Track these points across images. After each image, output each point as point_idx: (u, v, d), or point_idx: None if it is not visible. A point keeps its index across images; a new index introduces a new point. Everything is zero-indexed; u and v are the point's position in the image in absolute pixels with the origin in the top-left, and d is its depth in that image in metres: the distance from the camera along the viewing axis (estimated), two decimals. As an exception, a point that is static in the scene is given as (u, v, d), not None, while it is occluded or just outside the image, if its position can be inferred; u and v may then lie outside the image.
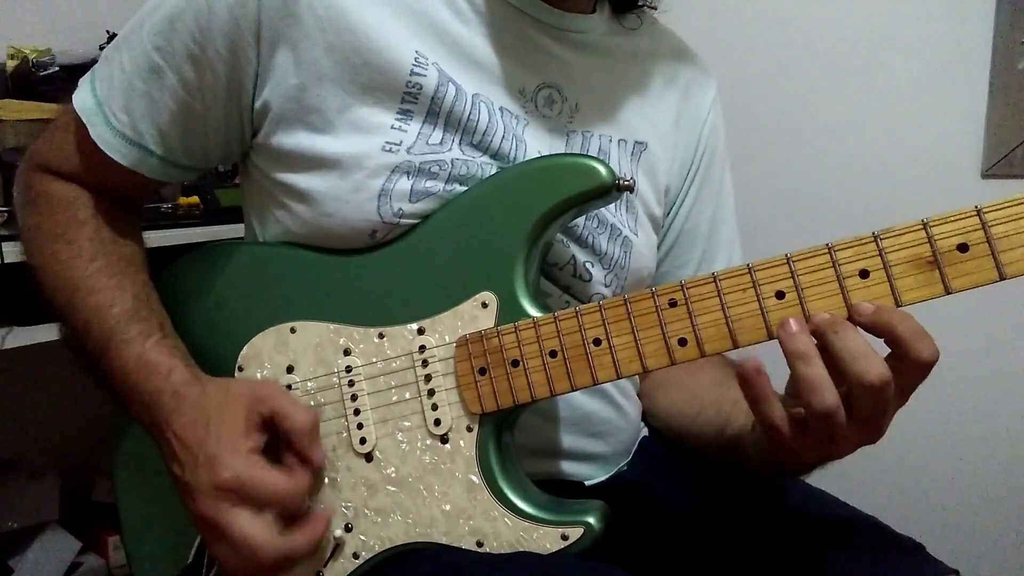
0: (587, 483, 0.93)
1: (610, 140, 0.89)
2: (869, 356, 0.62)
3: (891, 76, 1.77)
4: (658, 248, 0.98)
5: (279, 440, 0.76)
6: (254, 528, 0.71)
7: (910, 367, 0.63)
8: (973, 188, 1.70)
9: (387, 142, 0.78)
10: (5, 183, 1.53)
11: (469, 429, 0.76)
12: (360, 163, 0.77)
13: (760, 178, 1.79)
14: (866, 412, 0.63)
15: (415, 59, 0.79)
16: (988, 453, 1.73)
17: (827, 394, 0.62)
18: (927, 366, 0.63)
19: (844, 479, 0.90)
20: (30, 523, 1.81)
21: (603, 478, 0.94)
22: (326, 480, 0.79)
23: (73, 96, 0.84)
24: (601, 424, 0.91)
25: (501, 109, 0.83)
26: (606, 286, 0.87)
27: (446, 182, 0.79)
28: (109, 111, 0.81)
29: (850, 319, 0.65)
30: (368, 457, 0.78)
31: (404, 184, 0.78)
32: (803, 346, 0.64)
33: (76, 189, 0.85)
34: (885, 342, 0.64)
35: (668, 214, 0.98)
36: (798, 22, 1.87)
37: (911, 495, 1.80)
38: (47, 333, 1.37)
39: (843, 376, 0.63)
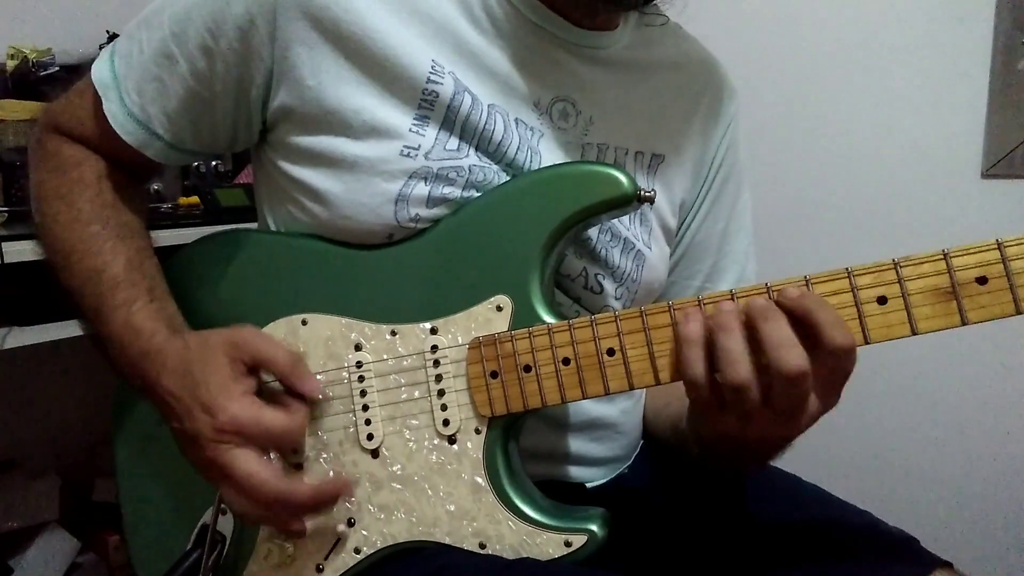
0: (588, 485, 0.93)
1: (626, 153, 0.88)
2: (790, 347, 0.64)
3: (891, 76, 1.77)
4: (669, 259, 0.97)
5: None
6: (256, 465, 0.72)
7: (825, 354, 0.64)
8: (973, 188, 1.70)
9: (405, 146, 0.78)
10: (5, 183, 1.52)
11: (477, 431, 0.76)
12: (378, 167, 0.77)
13: (759, 177, 1.77)
14: (783, 403, 0.65)
15: (431, 67, 0.78)
16: (987, 451, 1.76)
17: (740, 368, 0.64)
18: (841, 352, 0.64)
19: (845, 478, 0.91)
20: (30, 523, 1.81)
21: (604, 480, 0.95)
22: (331, 474, 0.79)
23: (93, 66, 0.84)
24: (606, 428, 0.92)
25: (516, 120, 0.82)
26: (617, 299, 0.87)
27: (463, 188, 0.78)
28: (124, 89, 0.82)
29: (778, 303, 0.66)
30: (375, 453, 0.78)
31: (422, 189, 0.77)
32: (727, 321, 0.66)
33: (85, 152, 0.86)
34: (804, 328, 0.65)
35: (681, 227, 0.97)
36: (797, 23, 1.86)
37: (908, 494, 1.83)
38: (47, 333, 1.37)
39: (764, 363, 0.65)
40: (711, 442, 0.76)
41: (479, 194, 0.79)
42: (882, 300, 0.67)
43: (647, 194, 0.75)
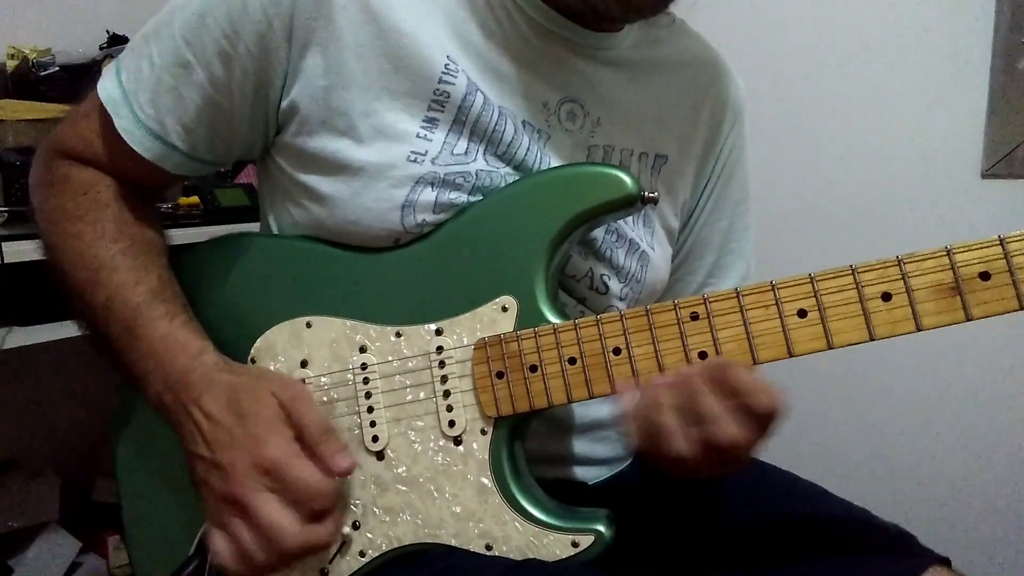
0: (590, 482, 0.93)
1: (631, 154, 0.89)
2: (720, 420, 0.66)
3: (891, 77, 1.78)
4: (672, 258, 0.97)
5: None
6: (282, 515, 0.69)
7: (755, 416, 0.67)
8: (973, 188, 1.71)
9: (412, 151, 0.77)
10: (5, 183, 1.52)
11: (483, 432, 0.76)
12: (384, 173, 0.77)
13: (759, 177, 1.77)
14: (721, 458, 0.68)
15: (446, 65, 0.78)
16: (987, 449, 1.76)
17: (676, 443, 0.68)
18: (769, 415, 0.67)
19: (843, 477, 0.91)
20: (30, 523, 1.81)
21: (606, 476, 0.95)
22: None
23: (98, 85, 0.82)
24: (609, 428, 0.92)
25: (524, 122, 0.82)
26: (621, 299, 0.87)
27: (470, 193, 0.78)
28: (136, 103, 0.80)
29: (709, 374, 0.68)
30: (379, 455, 0.78)
31: (428, 195, 0.77)
32: (660, 398, 0.69)
33: (98, 174, 0.84)
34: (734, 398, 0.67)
35: (684, 226, 0.98)
36: (797, 23, 1.86)
37: (907, 493, 1.83)
38: (47, 333, 1.37)
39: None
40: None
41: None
42: (886, 296, 0.67)
43: (651, 195, 0.75)
